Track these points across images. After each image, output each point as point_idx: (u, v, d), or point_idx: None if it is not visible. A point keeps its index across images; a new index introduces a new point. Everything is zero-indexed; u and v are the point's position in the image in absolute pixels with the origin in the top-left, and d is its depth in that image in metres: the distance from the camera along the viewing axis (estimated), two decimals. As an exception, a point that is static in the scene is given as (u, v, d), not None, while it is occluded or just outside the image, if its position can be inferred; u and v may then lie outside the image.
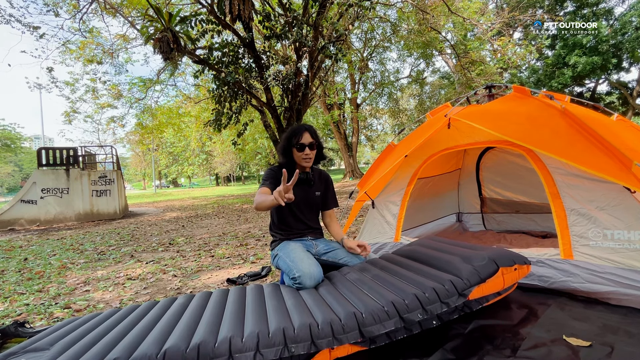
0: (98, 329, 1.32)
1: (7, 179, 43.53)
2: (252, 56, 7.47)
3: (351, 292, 1.44)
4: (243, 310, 1.39)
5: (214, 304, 1.47)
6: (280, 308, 1.36)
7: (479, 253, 1.53)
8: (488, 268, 1.42)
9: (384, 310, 1.24)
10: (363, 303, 1.29)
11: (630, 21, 13.20)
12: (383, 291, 1.38)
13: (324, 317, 1.22)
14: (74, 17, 8.31)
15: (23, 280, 3.08)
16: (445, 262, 1.55)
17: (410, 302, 1.27)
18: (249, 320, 1.27)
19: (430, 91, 19.80)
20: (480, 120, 2.09)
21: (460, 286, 1.35)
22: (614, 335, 1.37)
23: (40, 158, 8.65)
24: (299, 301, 1.42)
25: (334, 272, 1.78)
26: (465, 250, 1.62)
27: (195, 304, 1.48)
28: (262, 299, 1.50)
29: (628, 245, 1.64)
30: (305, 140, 1.86)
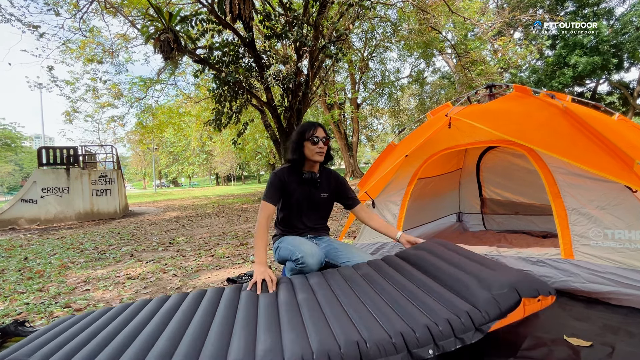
0: (79, 338, 1.26)
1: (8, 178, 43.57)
2: (253, 56, 7.47)
3: (353, 308, 1.27)
4: (232, 324, 1.26)
5: (203, 312, 1.38)
6: (273, 324, 1.22)
7: (497, 277, 1.28)
8: (509, 299, 1.18)
9: (391, 342, 1.05)
10: (367, 328, 1.11)
11: (631, 21, 13.20)
12: (390, 314, 1.19)
13: (320, 344, 1.04)
14: (75, 16, 8.31)
15: (23, 279, 3.08)
16: (457, 280, 1.34)
17: (421, 336, 1.08)
18: (237, 339, 1.14)
19: (430, 91, 19.78)
20: (481, 120, 2.09)
21: (478, 320, 1.13)
22: (615, 336, 1.37)
23: (41, 157, 8.65)
24: (294, 314, 1.27)
25: (332, 271, 1.67)
26: (479, 269, 1.39)
27: (186, 309, 1.41)
28: (255, 310, 1.36)
29: (629, 245, 1.64)
30: (320, 134, 1.86)
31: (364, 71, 16.45)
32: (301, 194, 1.92)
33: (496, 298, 1.19)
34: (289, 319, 1.24)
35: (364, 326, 1.13)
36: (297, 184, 1.91)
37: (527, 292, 1.22)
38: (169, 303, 1.50)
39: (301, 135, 1.88)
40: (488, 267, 1.42)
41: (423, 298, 1.29)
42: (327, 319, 1.22)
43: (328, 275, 1.62)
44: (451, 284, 1.34)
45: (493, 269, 1.39)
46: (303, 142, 1.87)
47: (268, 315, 1.29)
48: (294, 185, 1.91)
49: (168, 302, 1.51)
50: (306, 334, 1.13)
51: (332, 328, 1.14)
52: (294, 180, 1.91)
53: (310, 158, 1.88)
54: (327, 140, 1.91)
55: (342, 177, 2.10)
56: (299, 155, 1.89)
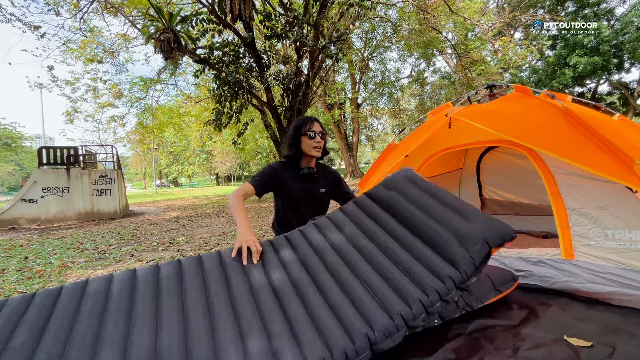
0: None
1: (8, 178, 43.59)
2: (253, 56, 7.47)
3: (351, 287, 1.28)
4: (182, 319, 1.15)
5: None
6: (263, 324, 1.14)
7: (471, 231, 1.34)
8: (482, 253, 1.29)
9: (394, 325, 1.15)
10: (372, 316, 1.17)
11: (631, 21, 13.19)
12: (387, 293, 1.25)
13: (338, 344, 1.06)
14: (75, 16, 8.32)
15: (23, 279, 3.08)
16: (436, 234, 1.40)
17: (416, 310, 1.19)
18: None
19: (430, 91, 19.78)
20: (481, 120, 2.09)
21: (458, 280, 1.26)
22: (616, 336, 1.37)
23: (41, 157, 8.65)
24: (285, 300, 1.23)
25: (309, 229, 1.62)
26: (454, 219, 1.43)
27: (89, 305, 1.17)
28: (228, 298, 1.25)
29: (629, 245, 1.64)
30: (316, 128, 1.85)
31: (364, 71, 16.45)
32: (300, 190, 1.89)
33: (472, 256, 1.28)
34: (278, 307, 1.20)
35: (369, 313, 1.17)
36: (294, 179, 1.88)
37: (495, 241, 1.31)
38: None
39: (297, 130, 1.86)
40: (460, 214, 1.45)
41: (409, 263, 1.34)
42: (330, 307, 1.21)
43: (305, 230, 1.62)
44: (430, 238, 1.40)
45: (465, 217, 1.43)
46: (300, 137, 1.85)
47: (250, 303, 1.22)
48: (292, 180, 1.87)
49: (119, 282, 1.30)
50: (320, 337, 1.10)
51: (343, 320, 1.15)
52: (291, 175, 1.88)
53: (308, 153, 1.86)
54: (324, 134, 1.89)
55: (338, 173, 2.09)
56: (296, 150, 1.87)
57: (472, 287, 1.60)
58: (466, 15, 9.98)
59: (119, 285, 1.27)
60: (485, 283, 1.69)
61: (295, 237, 1.61)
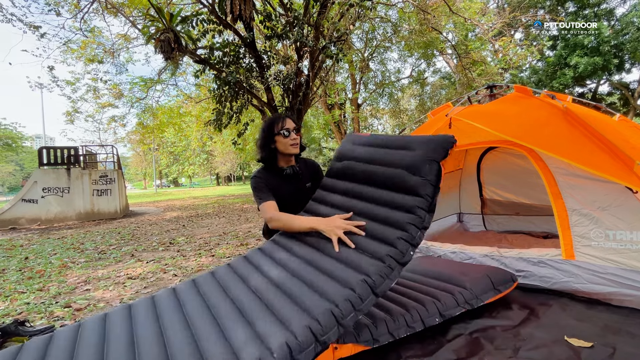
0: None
1: (9, 178, 43.59)
2: (253, 56, 7.47)
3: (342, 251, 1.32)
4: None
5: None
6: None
7: (417, 157, 1.40)
8: (432, 171, 1.33)
9: (391, 258, 1.20)
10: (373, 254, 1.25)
11: (631, 22, 13.17)
12: (375, 238, 1.31)
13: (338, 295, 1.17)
14: (75, 16, 8.32)
15: (24, 279, 3.08)
16: (393, 176, 1.45)
17: (402, 247, 1.24)
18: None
19: (431, 91, 19.76)
20: (482, 120, 2.09)
21: (426, 205, 1.30)
22: (616, 336, 1.37)
23: (42, 157, 8.66)
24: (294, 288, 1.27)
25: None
26: (400, 155, 1.49)
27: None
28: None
29: (630, 246, 1.64)
30: (289, 125, 1.75)
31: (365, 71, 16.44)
32: (288, 192, 1.80)
33: (426, 178, 1.32)
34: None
35: (358, 264, 1.22)
36: (281, 182, 1.79)
37: (440, 155, 1.36)
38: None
39: (269, 130, 1.76)
40: (404, 148, 1.52)
41: (387, 215, 1.37)
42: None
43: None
44: (391, 184, 1.45)
45: (408, 148, 1.50)
46: (273, 137, 1.76)
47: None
48: (279, 184, 1.78)
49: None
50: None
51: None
52: (276, 179, 1.78)
53: (285, 152, 1.77)
54: (299, 129, 1.80)
55: (316, 163, 2.00)
56: (268, 151, 1.78)
57: (472, 286, 1.63)
58: (466, 15, 9.97)
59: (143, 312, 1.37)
60: (485, 282, 1.69)
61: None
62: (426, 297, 1.55)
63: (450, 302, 1.53)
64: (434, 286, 1.69)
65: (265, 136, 1.77)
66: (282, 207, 1.75)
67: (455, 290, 1.61)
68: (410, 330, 1.35)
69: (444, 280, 1.75)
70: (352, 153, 1.73)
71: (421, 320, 1.40)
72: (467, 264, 2.01)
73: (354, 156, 1.70)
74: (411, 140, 1.51)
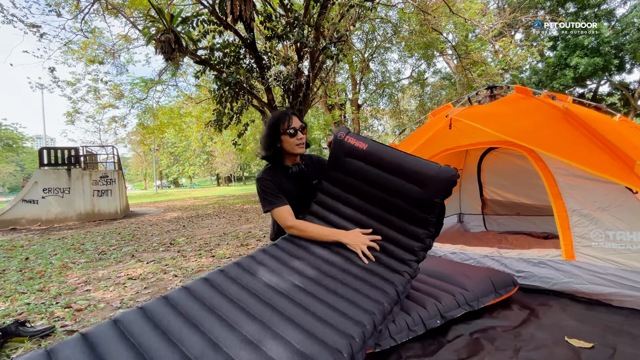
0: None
1: (9, 178, 43.61)
2: (253, 57, 7.48)
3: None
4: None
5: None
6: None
7: (424, 194, 1.48)
8: (434, 209, 1.48)
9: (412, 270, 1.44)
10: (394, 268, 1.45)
11: (632, 22, 13.17)
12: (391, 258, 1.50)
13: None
14: (76, 17, 8.34)
15: (24, 279, 3.08)
16: (401, 209, 1.57)
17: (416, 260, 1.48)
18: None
19: (431, 92, 19.77)
20: (482, 121, 2.09)
21: (430, 235, 1.51)
22: (616, 337, 1.36)
23: (42, 158, 8.67)
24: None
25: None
26: (408, 188, 1.54)
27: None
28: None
29: (630, 247, 1.64)
30: (296, 124, 1.67)
31: (365, 72, 16.45)
32: (295, 191, 1.75)
33: (430, 218, 1.49)
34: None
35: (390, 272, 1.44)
36: (286, 181, 1.72)
37: (445, 194, 1.48)
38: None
39: (275, 129, 1.68)
40: (411, 181, 1.56)
41: (399, 237, 1.55)
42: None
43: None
44: (400, 214, 1.58)
45: (415, 182, 1.54)
46: (279, 136, 1.67)
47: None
48: (286, 184, 1.72)
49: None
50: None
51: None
52: (283, 179, 1.72)
53: (291, 152, 1.70)
54: (305, 128, 1.72)
55: (322, 158, 1.93)
56: (274, 150, 1.71)
57: (474, 288, 1.63)
58: (466, 16, 9.98)
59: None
60: (487, 285, 1.69)
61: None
62: (427, 297, 1.56)
63: (451, 302, 1.53)
64: (435, 286, 1.69)
65: (270, 135, 1.69)
66: (291, 207, 1.72)
67: (456, 291, 1.61)
68: (412, 334, 1.36)
69: (444, 281, 1.75)
70: (351, 166, 1.66)
71: (422, 323, 1.41)
72: (469, 265, 2.01)
73: (354, 171, 1.65)
74: (412, 172, 1.50)
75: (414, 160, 1.52)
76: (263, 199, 1.69)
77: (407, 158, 1.54)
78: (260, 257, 1.53)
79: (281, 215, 1.65)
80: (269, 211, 1.68)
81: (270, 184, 1.67)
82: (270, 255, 1.55)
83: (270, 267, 1.46)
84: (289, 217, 1.64)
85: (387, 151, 1.59)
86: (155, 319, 1.17)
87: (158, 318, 1.17)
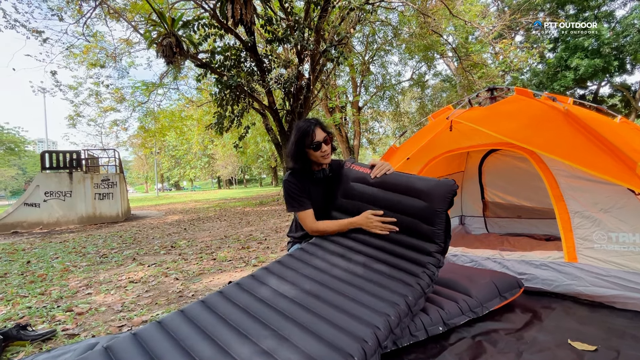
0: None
1: (11, 182, 43.73)
2: (254, 60, 7.51)
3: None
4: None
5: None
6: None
7: (427, 208, 1.52)
8: (441, 221, 1.50)
9: (425, 282, 1.40)
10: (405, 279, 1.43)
11: (632, 24, 13.18)
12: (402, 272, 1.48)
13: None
14: (78, 21, 8.39)
15: (25, 283, 3.08)
16: (410, 223, 1.60)
17: (430, 272, 1.44)
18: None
19: (431, 94, 19.79)
20: (482, 123, 2.09)
21: (439, 249, 1.50)
22: (620, 340, 1.35)
23: (44, 161, 8.70)
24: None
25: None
26: (411, 202, 1.59)
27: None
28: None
29: (633, 248, 1.63)
30: (319, 137, 1.70)
31: (365, 74, 16.49)
32: (319, 195, 1.83)
33: (436, 230, 1.50)
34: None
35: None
36: (310, 186, 1.81)
37: (446, 205, 1.51)
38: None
39: (300, 144, 1.72)
40: (414, 195, 1.61)
41: (406, 254, 1.55)
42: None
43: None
44: (410, 231, 1.60)
45: (418, 196, 1.59)
46: (304, 149, 1.73)
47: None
48: (308, 188, 1.80)
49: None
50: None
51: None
52: (307, 183, 1.80)
53: (318, 162, 1.77)
54: (330, 138, 1.75)
55: (342, 161, 1.98)
56: (302, 163, 1.76)
57: (477, 293, 1.62)
58: (466, 18, 10.01)
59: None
60: (490, 289, 1.67)
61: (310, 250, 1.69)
62: (429, 304, 1.53)
63: (454, 310, 1.51)
64: (438, 293, 1.67)
65: (296, 149, 1.74)
66: (314, 211, 1.82)
67: (460, 298, 1.59)
68: (413, 339, 1.35)
69: (447, 286, 1.73)
70: (357, 190, 1.76)
71: (425, 330, 1.39)
72: (472, 269, 2.00)
73: (359, 194, 1.74)
74: (413, 188, 1.58)
75: (413, 178, 1.62)
76: (288, 201, 1.79)
77: (407, 176, 1.64)
78: (274, 268, 1.59)
79: (304, 219, 1.78)
80: (293, 212, 1.80)
81: (295, 188, 1.76)
82: (284, 265, 1.60)
83: (284, 277, 1.50)
84: (311, 221, 1.77)
85: (386, 178, 1.70)
86: (171, 331, 1.23)
87: (174, 330, 1.23)
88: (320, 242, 1.73)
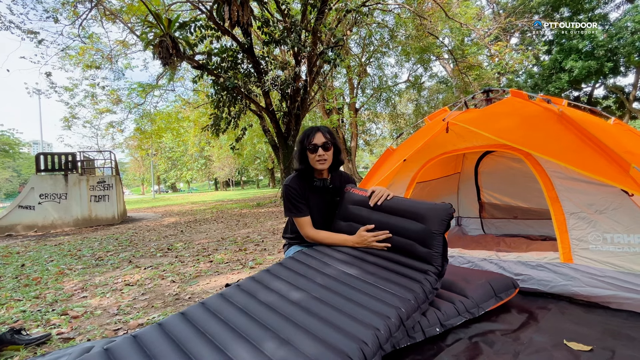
0: None
1: (6, 184, 43.36)
2: (251, 61, 7.51)
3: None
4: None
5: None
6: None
7: (424, 230, 1.54)
8: (438, 243, 1.51)
9: (418, 298, 1.37)
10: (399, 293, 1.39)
11: (625, 26, 13.34)
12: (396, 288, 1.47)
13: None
14: (74, 23, 8.36)
15: (20, 286, 3.05)
16: (407, 245, 1.62)
17: (425, 290, 1.42)
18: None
19: (428, 96, 19.91)
20: (478, 124, 2.10)
21: (436, 271, 1.50)
22: (615, 340, 1.36)
23: (39, 163, 8.63)
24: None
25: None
26: (409, 225, 1.61)
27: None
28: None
29: (628, 249, 1.64)
30: (317, 140, 1.73)
31: (362, 76, 16.55)
32: (315, 204, 1.84)
33: (433, 252, 1.50)
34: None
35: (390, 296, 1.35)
36: (309, 193, 1.82)
37: (443, 228, 1.52)
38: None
39: (301, 144, 1.77)
40: (413, 219, 1.63)
41: (404, 272, 1.54)
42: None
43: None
44: (406, 252, 1.62)
45: (416, 219, 1.61)
46: (305, 151, 1.76)
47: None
48: (307, 195, 1.82)
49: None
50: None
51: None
52: (306, 189, 1.82)
53: (313, 166, 1.77)
54: (329, 144, 1.75)
55: (350, 177, 2.01)
56: (306, 164, 1.78)
57: (473, 294, 1.63)
58: (462, 20, 10.08)
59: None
60: (486, 290, 1.69)
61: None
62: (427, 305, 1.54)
63: (451, 311, 1.52)
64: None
65: (299, 149, 1.79)
66: (311, 218, 1.83)
67: (456, 299, 1.60)
68: (410, 341, 1.36)
69: (444, 288, 1.73)
70: (355, 213, 1.78)
71: (422, 331, 1.39)
72: (468, 269, 2.01)
73: (358, 217, 1.77)
74: (410, 211, 1.60)
75: (410, 201, 1.66)
76: (286, 205, 1.80)
77: (405, 200, 1.69)
78: (275, 271, 1.60)
79: (300, 225, 1.80)
80: (290, 217, 1.82)
81: (294, 192, 1.78)
82: (286, 268, 1.61)
83: (286, 280, 1.51)
84: (308, 228, 1.79)
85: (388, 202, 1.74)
86: (171, 333, 1.23)
87: (174, 333, 1.23)
88: (322, 248, 1.75)
